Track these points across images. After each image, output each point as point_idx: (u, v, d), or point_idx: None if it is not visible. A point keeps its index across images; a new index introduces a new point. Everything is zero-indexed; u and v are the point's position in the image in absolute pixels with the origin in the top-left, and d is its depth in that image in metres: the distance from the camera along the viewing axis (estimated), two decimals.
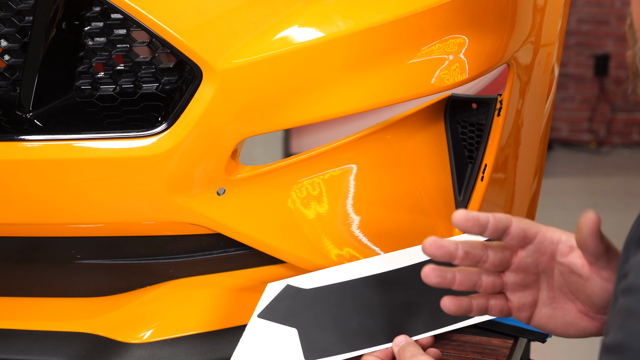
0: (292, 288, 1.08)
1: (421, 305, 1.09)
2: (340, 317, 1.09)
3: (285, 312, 1.07)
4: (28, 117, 1.12)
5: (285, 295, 1.07)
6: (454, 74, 1.24)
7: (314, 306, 1.08)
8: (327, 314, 1.08)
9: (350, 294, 1.08)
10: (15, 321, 1.25)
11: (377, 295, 1.09)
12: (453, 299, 0.94)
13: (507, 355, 1.20)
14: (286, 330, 1.07)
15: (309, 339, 1.08)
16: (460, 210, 0.93)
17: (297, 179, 1.21)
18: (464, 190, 1.32)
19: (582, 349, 2.96)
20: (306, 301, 1.08)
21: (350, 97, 1.18)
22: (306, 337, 1.07)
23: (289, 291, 1.08)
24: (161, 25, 1.07)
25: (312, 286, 1.08)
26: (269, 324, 1.07)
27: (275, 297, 1.07)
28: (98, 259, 1.21)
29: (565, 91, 6.37)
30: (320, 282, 1.08)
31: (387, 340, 1.09)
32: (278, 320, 1.07)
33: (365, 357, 1.08)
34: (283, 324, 1.07)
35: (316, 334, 1.08)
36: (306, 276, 1.08)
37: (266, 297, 1.07)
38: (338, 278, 1.08)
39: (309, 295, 1.08)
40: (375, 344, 1.09)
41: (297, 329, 1.07)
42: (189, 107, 1.10)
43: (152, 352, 1.19)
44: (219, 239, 1.19)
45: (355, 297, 1.09)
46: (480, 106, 1.34)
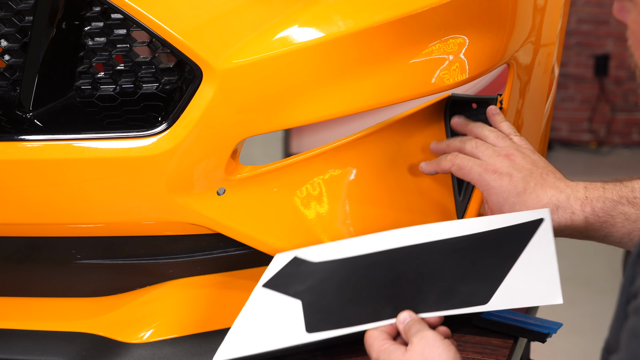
0: (300, 260, 1.06)
1: (431, 285, 1.07)
2: (346, 292, 1.07)
3: (290, 283, 1.06)
4: (28, 117, 1.12)
5: (292, 266, 1.06)
6: (454, 74, 1.24)
7: (320, 279, 1.07)
8: (333, 288, 1.07)
9: (358, 269, 1.07)
10: (15, 321, 1.25)
11: (385, 271, 1.07)
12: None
13: (507, 355, 1.20)
14: (290, 301, 1.06)
15: (313, 311, 1.07)
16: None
17: (297, 179, 1.21)
18: (464, 190, 1.31)
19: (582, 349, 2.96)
20: (313, 274, 1.06)
21: (350, 97, 1.18)
22: (310, 310, 1.06)
23: (296, 263, 1.06)
24: (161, 25, 1.07)
25: (320, 259, 1.07)
26: (273, 294, 1.06)
27: (282, 268, 1.06)
28: (98, 259, 1.21)
29: (565, 91, 6.36)
30: (329, 256, 1.07)
31: (392, 316, 1.07)
32: (283, 291, 1.06)
33: (370, 331, 1.06)
34: (287, 294, 1.06)
35: (320, 307, 1.07)
36: (315, 248, 1.07)
37: (273, 267, 1.06)
38: (347, 252, 1.07)
39: (316, 268, 1.06)
40: (379, 319, 1.07)
41: (301, 301, 1.06)
42: (189, 107, 1.10)
43: (152, 352, 1.19)
44: (219, 239, 1.19)
45: (363, 272, 1.07)
46: (480, 106, 1.34)
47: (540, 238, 1.08)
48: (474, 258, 1.08)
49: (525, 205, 1.15)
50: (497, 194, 1.16)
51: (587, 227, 1.15)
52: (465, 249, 1.08)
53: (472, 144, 1.22)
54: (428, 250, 1.07)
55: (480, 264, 1.08)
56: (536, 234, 1.08)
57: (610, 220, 1.14)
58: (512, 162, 1.18)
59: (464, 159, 1.20)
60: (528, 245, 1.08)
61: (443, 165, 1.22)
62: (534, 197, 1.15)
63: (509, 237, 1.08)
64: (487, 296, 1.08)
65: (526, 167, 1.18)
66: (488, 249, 1.08)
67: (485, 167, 1.18)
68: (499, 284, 1.08)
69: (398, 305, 1.08)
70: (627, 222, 1.14)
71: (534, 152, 1.21)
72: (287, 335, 1.06)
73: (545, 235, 1.08)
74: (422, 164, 1.25)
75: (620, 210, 1.14)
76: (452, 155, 1.21)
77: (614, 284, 3.80)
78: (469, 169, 1.19)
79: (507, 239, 1.08)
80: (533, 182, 1.16)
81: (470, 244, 1.08)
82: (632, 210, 1.14)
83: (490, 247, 1.08)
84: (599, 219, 1.14)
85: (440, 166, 1.23)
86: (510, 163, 1.18)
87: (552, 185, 1.16)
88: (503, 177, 1.17)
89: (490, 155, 1.19)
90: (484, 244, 1.08)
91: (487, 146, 1.21)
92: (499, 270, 1.08)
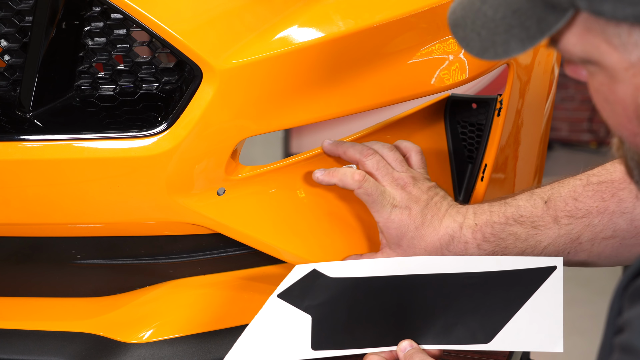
0: (318, 273, 1.08)
1: (436, 317, 1.10)
2: (354, 313, 1.09)
3: (304, 296, 1.07)
4: (28, 117, 1.12)
5: (309, 279, 1.07)
6: (454, 74, 1.24)
7: (332, 296, 1.08)
8: (342, 307, 1.09)
9: (369, 290, 1.09)
10: (15, 321, 1.25)
11: (394, 297, 1.09)
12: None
13: (507, 356, 1.20)
14: (301, 316, 1.08)
15: (320, 329, 1.08)
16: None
17: (297, 179, 1.21)
18: (464, 190, 1.32)
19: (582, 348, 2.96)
20: (327, 289, 1.08)
21: (350, 97, 1.18)
22: (317, 327, 1.08)
23: (314, 275, 1.08)
24: (161, 25, 1.07)
25: (337, 275, 1.08)
26: (285, 306, 1.07)
27: (299, 279, 1.07)
28: (98, 259, 1.21)
29: (565, 91, 6.37)
30: (345, 273, 1.08)
31: (393, 343, 1.10)
32: (295, 304, 1.07)
33: (370, 356, 1.09)
34: (299, 308, 1.07)
35: (327, 325, 1.08)
36: (333, 264, 1.08)
37: (291, 277, 1.07)
38: (362, 272, 1.08)
39: (332, 284, 1.08)
40: (381, 345, 1.10)
41: (312, 317, 1.08)
42: (189, 107, 1.10)
43: (152, 352, 1.19)
44: (219, 239, 1.19)
45: (373, 295, 1.09)
46: (480, 106, 1.34)
47: (550, 285, 1.10)
48: (482, 296, 1.10)
49: (424, 240, 1.15)
50: (396, 228, 1.15)
51: (481, 254, 1.15)
52: (476, 286, 1.09)
53: (374, 163, 1.18)
54: (440, 282, 1.09)
55: (488, 303, 1.10)
56: (547, 280, 1.10)
57: (501, 244, 1.14)
58: (409, 195, 1.16)
59: (372, 184, 1.15)
60: (537, 290, 1.10)
61: (347, 182, 1.16)
62: (432, 230, 1.15)
63: (520, 281, 1.10)
64: (490, 336, 1.11)
65: (422, 198, 1.16)
66: (498, 289, 1.10)
67: (388, 199, 1.16)
68: (502, 325, 1.11)
69: (400, 333, 1.10)
70: (517, 241, 1.14)
71: (426, 176, 1.20)
72: (293, 349, 1.08)
73: (556, 283, 1.10)
74: (317, 173, 1.18)
75: (509, 231, 1.14)
76: (360, 176, 1.15)
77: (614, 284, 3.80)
78: (373, 200, 1.15)
79: (518, 281, 1.10)
80: (430, 214, 1.15)
81: (481, 281, 1.10)
82: (521, 229, 1.14)
83: (500, 288, 1.10)
84: (491, 244, 1.14)
85: (344, 182, 1.17)
86: (408, 195, 1.16)
87: (447, 214, 1.16)
88: (403, 211, 1.15)
89: (390, 184, 1.17)
90: (495, 283, 1.10)
91: (387, 170, 1.18)
92: (505, 311, 1.10)
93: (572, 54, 0.76)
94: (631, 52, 0.72)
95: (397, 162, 1.19)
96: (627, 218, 1.12)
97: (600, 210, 1.13)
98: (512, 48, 0.76)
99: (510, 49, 0.77)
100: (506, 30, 0.76)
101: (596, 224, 1.13)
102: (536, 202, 1.15)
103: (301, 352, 1.08)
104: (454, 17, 0.81)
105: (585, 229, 1.13)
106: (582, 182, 1.15)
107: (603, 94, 0.77)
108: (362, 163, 1.18)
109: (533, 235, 1.14)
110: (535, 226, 1.14)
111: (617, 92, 0.75)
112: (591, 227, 1.13)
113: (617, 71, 0.74)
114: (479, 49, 0.79)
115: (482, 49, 0.78)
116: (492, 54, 0.78)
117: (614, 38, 0.72)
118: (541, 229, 1.14)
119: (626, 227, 1.12)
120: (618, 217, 1.12)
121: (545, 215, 1.14)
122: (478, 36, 0.78)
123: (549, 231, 1.14)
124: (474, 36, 0.78)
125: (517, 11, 0.75)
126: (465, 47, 0.80)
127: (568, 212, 1.14)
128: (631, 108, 0.75)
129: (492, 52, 0.78)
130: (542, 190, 1.17)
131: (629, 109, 0.75)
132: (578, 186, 1.15)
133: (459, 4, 0.81)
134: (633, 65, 0.72)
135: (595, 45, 0.74)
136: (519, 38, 0.76)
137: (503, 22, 0.76)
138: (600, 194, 1.13)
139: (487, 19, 0.77)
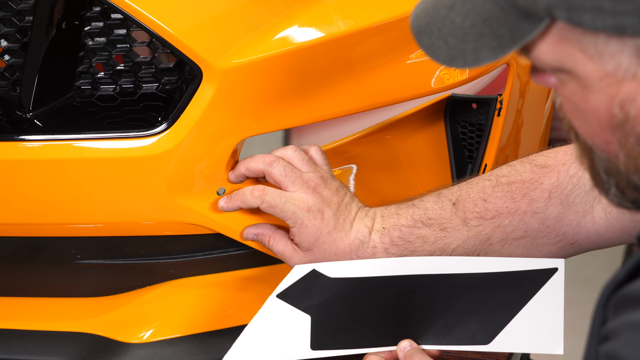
0: (317, 273, 1.07)
1: (436, 317, 1.10)
2: (353, 313, 1.09)
3: (303, 296, 1.07)
4: (28, 117, 1.12)
5: (309, 279, 1.07)
6: (454, 74, 1.24)
7: (331, 296, 1.08)
8: (342, 307, 1.08)
9: (369, 291, 1.08)
10: (15, 321, 1.25)
11: (394, 297, 1.09)
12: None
13: (507, 356, 1.20)
14: (300, 316, 1.07)
15: (319, 329, 1.08)
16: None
17: None
18: None
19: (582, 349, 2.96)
20: (326, 290, 1.08)
21: (350, 97, 1.18)
22: (317, 327, 1.08)
23: (313, 276, 1.07)
24: (161, 25, 1.07)
25: (336, 275, 1.08)
26: (285, 306, 1.07)
27: (299, 280, 1.07)
28: (98, 259, 1.21)
29: None
30: (344, 273, 1.08)
31: (392, 343, 1.10)
32: (295, 304, 1.07)
33: (369, 355, 1.09)
34: (299, 308, 1.07)
35: (327, 325, 1.08)
36: (333, 264, 1.08)
37: (291, 277, 1.07)
38: (362, 272, 1.08)
39: (331, 284, 1.07)
40: (381, 345, 1.10)
41: (311, 317, 1.08)
42: (189, 107, 1.10)
43: (152, 352, 1.19)
44: (219, 239, 1.19)
45: (373, 295, 1.09)
46: (480, 106, 1.34)
47: (551, 287, 1.10)
48: (483, 297, 1.10)
49: (335, 244, 1.12)
50: (309, 233, 1.11)
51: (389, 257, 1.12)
52: (476, 287, 1.09)
53: (281, 170, 1.12)
54: (440, 283, 1.09)
55: (489, 304, 1.10)
56: (548, 282, 1.10)
57: (409, 247, 1.12)
58: (321, 197, 1.12)
59: (274, 195, 1.11)
60: (538, 292, 1.10)
61: (249, 201, 1.12)
62: (343, 234, 1.12)
63: (521, 282, 1.10)
64: (490, 337, 1.10)
65: (334, 200, 1.13)
66: (498, 290, 1.10)
67: (299, 204, 1.11)
68: (503, 327, 1.10)
69: (400, 333, 1.10)
70: (425, 244, 1.12)
71: (333, 177, 1.16)
72: (292, 349, 1.08)
73: (557, 285, 1.10)
74: (221, 203, 1.13)
75: (416, 234, 1.12)
76: (260, 191, 1.11)
77: None
78: (282, 208, 1.11)
79: (518, 283, 1.10)
80: (342, 218, 1.12)
81: (481, 282, 1.09)
82: (429, 231, 1.12)
83: (501, 289, 1.10)
84: (399, 248, 1.12)
85: (246, 202, 1.12)
86: (320, 198, 1.12)
87: (357, 218, 1.14)
88: (316, 215, 1.11)
89: (300, 188, 1.12)
90: (495, 284, 1.09)
91: (296, 173, 1.13)
92: (506, 313, 1.10)
93: (544, 62, 0.75)
94: (607, 62, 0.71)
95: (304, 162, 1.14)
96: (539, 218, 1.11)
97: (511, 211, 1.11)
98: (482, 57, 0.74)
99: (480, 57, 0.75)
100: (476, 39, 0.74)
101: (507, 224, 1.12)
102: (444, 203, 1.13)
103: (300, 352, 1.08)
104: (417, 23, 0.79)
105: (496, 230, 1.12)
106: (491, 183, 1.13)
107: (574, 103, 0.76)
108: (269, 173, 1.12)
109: (441, 237, 1.12)
110: (444, 228, 1.12)
111: (590, 101, 0.74)
112: (501, 227, 1.12)
113: (591, 80, 0.73)
114: (446, 57, 0.76)
115: (449, 57, 0.76)
116: (460, 62, 0.76)
117: (590, 47, 0.71)
118: (449, 231, 1.12)
119: (538, 226, 1.12)
120: (529, 217, 1.11)
121: (454, 217, 1.12)
122: (445, 44, 0.76)
123: (458, 233, 1.12)
124: (441, 44, 0.76)
125: (488, 19, 0.73)
126: (431, 55, 0.78)
127: (477, 213, 1.12)
128: (604, 117, 0.74)
129: (461, 61, 0.76)
130: (450, 192, 1.15)
131: (602, 118, 0.74)
132: (487, 187, 1.13)
133: (422, 10, 0.78)
134: (608, 75, 0.71)
135: (569, 54, 0.72)
136: (489, 47, 0.74)
137: (473, 30, 0.74)
138: (510, 195, 1.12)
139: (455, 26, 0.75)
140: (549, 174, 1.12)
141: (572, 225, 1.12)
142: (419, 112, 1.34)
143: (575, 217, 1.12)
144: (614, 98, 0.72)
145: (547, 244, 1.13)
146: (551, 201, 1.11)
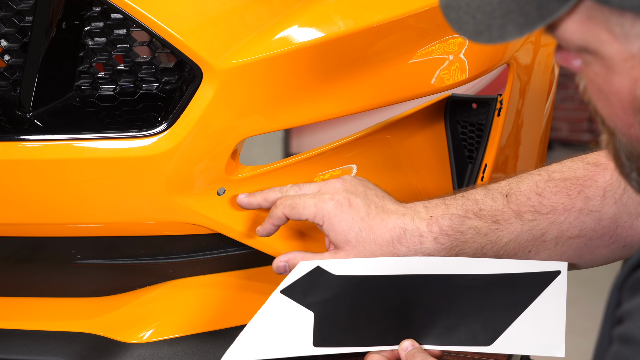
0: (321, 270, 1.07)
1: (439, 318, 1.10)
2: (356, 311, 1.09)
3: (307, 293, 1.07)
4: (28, 117, 1.12)
5: (313, 276, 1.07)
6: (454, 74, 1.24)
7: (335, 294, 1.08)
8: (345, 305, 1.08)
9: (372, 289, 1.08)
10: (15, 321, 1.25)
11: (397, 297, 1.09)
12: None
13: (507, 356, 1.20)
14: (303, 312, 1.08)
15: (322, 326, 1.08)
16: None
17: (297, 179, 1.21)
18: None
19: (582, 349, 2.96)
20: (330, 287, 1.08)
21: (350, 97, 1.18)
22: (320, 324, 1.08)
23: (317, 272, 1.07)
24: (161, 25, 1.07)
25: (340, 273, 1.07)
26: (288, 302, 1.07)
27: (303, 276, 1.07)
28: (98, 259, 1.21)
29: (565, 91, 6.36)
30: (348, 271, 1.08)
31: (394, 343, 1.10)
32: (298, 300, 1.07)
33: (371, 354, 1.08)
34: (302, 304, 1.07)
35: (330, 322, 1.08)
36: (337, 261, 1.07)
37: (295, 274, 1.07)
38: (366, 270, 1.08)
39: (335, 281, 1.07)
40: (383, 344, 1.10)
41: (314, 313, 1.08)
42: (189, 107, 1.10)
43: (152, 352, 1.19)
44: (219, 239, 1.19)
45: (376, 293, 1.09)
46: (480, 106, 1.34)
47: (553, 289, 1.09)
48: (485, 299, 1.10)
49: (373, 231, 1.07)
50: (340, 222, 1.07)
51: (437, 248, 1.08)
52: (479, 288, 1.09)
53: (295, 188, 1.11)
54: (443, 283, 1.08)
55: (491, 305, 1.10)
56: (551, 285, 1.09)
57: (460, 238, 1.08)
58: (342, 186, 1.09)
59: (293, 197, 1.09)
60: (541, 294, 1.09)
61: (276, 215, 1.10)
62: (379, 221, 1.08)
63: (524, 284, 1.09)
64: (491, 338, 1.10)
65: (359, 188, 1.09)
66: (501, 292, 1.09)
67: (320, 196, 1.08)
68: (505, 328, 1.10)
69: (402, 332, 1.10)
70: (478, 235, 1.08)
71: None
72: (295, 345, 1.08)
73: (559, 288, 1.09)
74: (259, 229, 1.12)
75: (468, 224, 1.08)
76: (279, 201, 1.10)
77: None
78: (303, 205, 1.08)
79: (521, 285, 1.09)
80: (373, 205, 1.08)
81: (484, 283, 1.09)
82: (481, 222, 1.08)
83: (503, 291, 1.09)
84: (449, 238, 1.08)
85: (274, 218, 1.11)
86: (342, 186, 1.09)
87: (392, 205, 1.09)
88: (342, 202, 1.08)
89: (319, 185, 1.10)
90: (498, 286, 1.09)
91: (311, 183, 1.12)
92: (508, 314, 1.10)
93: (570, 41, 0.74)
94: (632, 43, 0.71)
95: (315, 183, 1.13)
96: (595, 217, 1.08)
97: (567, 208, 1.08)
98: (509, 33, 0.74)
99: (506, 33, 0.74)
100: (503, 15, 0.74)
101: (562, 221, 1.08)
102: (495, 196, 1.09)
103: (303, 349, 1.08)
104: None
105: (551, 226, 1.08)
106: (542, 178, 1.10)
107: (598, 84, 0.75)
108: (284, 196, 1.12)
109: (494, 230, 1.08)
110: (497, 220, 1.08)
111: (613, 83, 0.74)
112: (557, 224, 1.08)
113: (615, 62, 0.72)
114: (473, 32, 0.76)
115: (476, 32, 0.76)
116: (486, 38, 0.75)
117: (616, 27, 0.71)
118: (502, 224, 1.08)
119: (593, 226, 1.08)
120: (585, 215, 1.08)
121: (507, 209, 1.08)
122: (473, 19, 0.75)
123: (511, 227, 1.08)
124: (468, 19, 0.76)
125: None
126: (458, 30, 0.77)
127: (532, 207, 1.08)
128: (627, 100, 0.74)
129: (487, 36, 0.75)
130: (499, 186, 1.11)
131: (624, 101, 0.74)
132: (539, 181, 1.09)
133: None
134: (633, 56, 0.71)
135: (595, 33, 0.72)
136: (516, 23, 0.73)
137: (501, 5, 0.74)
138: (565, 191, 1.08)
139: (484, 2, 0.75)
140: (603, 171, 1.09)
141: (625, 227, 1.08)
142: (419, 112, 1.34)
143: (629, 219, 1.08)
144: (637, 80, 0.72)
145: (600, 246, 1.10)
146: (606, 200, 1.08)
